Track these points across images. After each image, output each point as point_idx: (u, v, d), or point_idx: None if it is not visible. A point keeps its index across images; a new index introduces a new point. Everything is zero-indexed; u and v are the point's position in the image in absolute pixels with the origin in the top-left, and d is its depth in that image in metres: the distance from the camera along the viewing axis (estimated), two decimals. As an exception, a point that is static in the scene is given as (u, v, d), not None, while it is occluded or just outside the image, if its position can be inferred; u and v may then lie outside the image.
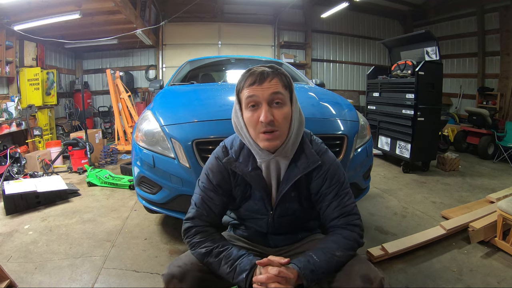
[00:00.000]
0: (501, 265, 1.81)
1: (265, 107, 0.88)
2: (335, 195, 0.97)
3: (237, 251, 0.92)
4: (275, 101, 0.89)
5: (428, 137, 3.71)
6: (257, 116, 0.88)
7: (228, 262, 0.89)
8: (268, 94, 0.88)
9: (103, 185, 3.21)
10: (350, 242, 0.91)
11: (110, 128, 6.65)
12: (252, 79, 0.89)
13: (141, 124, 1.88)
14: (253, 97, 0.89)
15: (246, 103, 0.90)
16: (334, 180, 0.97)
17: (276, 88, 0.89)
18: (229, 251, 0.91)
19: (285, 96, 0.90)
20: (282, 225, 1.04)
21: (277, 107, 0.89)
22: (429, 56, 3.91)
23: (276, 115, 0.88)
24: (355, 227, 0.95)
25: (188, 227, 0.97)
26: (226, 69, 3.44)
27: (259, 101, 0.88)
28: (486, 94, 6.10)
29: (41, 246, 1.99)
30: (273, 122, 0.88)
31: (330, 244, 0.91)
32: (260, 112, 0.88)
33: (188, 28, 7.08)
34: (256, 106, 0.89)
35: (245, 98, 0.90)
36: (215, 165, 1.01)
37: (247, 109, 0.91)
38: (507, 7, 5.65)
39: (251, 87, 0.89)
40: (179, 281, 0.88)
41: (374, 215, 2.54)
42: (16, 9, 4.09)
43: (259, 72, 0.90)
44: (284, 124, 0.90)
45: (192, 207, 1.01)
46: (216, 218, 1.01)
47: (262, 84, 0.88)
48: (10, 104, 4.26)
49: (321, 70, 7.86)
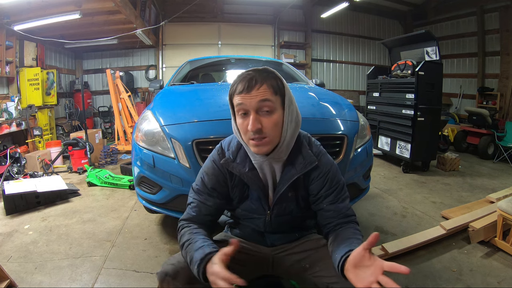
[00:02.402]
0: (501, 265, 1.81)
1: (253, 116, 0.87)
2: (336, 197, 0.98)
3: (201, 242, 0.88)
4: (263, 109, 0.88)
5: (428, 137, 3.70)
6: (247, 124, 0.88)
7: (190, 252, 0.87)
8: (256, 102, 0.87)
9: (103, 185, 3.21)
10: (360, 235, 0.94)
11: (110, 128, 6.65)
12: (241, 86, 0.88)
13: (141, 124, 1.88)
14: (242, 105, 0.88)
15: (237, 110, 0.90)
16: (334, 182, 0.99)
17: (264, 95, 0.87)
18: (195, 242, 0.89)
19: (274, 102, 0.89)
20: (279, 224, 1.04)
21: (266, 115, 0.88)
22: (429, 56, 3.91)
23: (264, 123, 0.88)
24: (356, 225, 0.98)
25: (179, 226, 1.00)
26: (226, 69, 3.44)
27: (247, 109, 0.88)
28: (486, 94, 6.10)
29: (41, 246, 1.99)
30: (260, 130, 0.87)
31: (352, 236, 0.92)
32: (249, 119, 0.88)
33: (188, 28, 7.08)
34: (246, 114, 0.89)
35: (236, 105, 0.90)
36: (211, 168, 1.02)
37: (238, 115, 0.91)
38: (507, 7, 5.65)
39: (240, 95, 0.88)
40: (172, 279, 0.88)
41: (374, 215, 2.54)
42: (16, 9, 4.09)
43: (248, 79, 0.88)
44: (274, 130, 0.89)
45: (187, 209, 1.03)
46: (209, 220, 1.02)
47: (250, 92, 0.87)
48: (10, 104, 4.25)
49: (321, 70, 7.86)
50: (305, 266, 1.01)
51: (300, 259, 1.03)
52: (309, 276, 1.00)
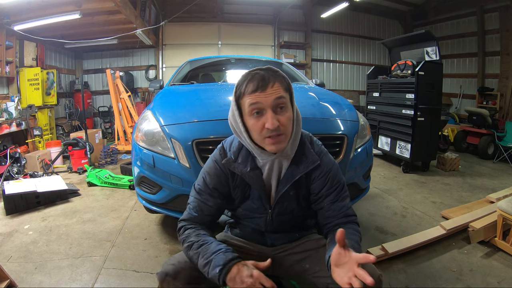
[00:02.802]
0: (501, 265, 1.81)
1: (271, 114, 0.87)
2: (336, 196, 0.99)
3: (216, 246, 0.89)
4: (279, 106, 0.88)
5: (428, 137, 3.70)
6: (262, 123, 0.87)
7: (205, 255, 0.88)
8: (272, 100, 0.87)
9: (103, 185, 3.21)
10: (359, 235, 0.95)
11: (110, 128, 6.65)
12: (253, 86, 0.87)
13: (141, 124, 1.88)
14: (257, 104, 0.87)
15: (249, 111, 0.88)
16: (335, 182, 1.00)
17: (279, 93, 0.87)
18: (208, 245, 0.90)
19: (287, 99, 0.90)
20: (280, 224, 1.05)
21: (281, 112, 0.88)
22: (429, 56, 3.91)
23: (281, 120, 0.88)
24: (356, 225, 0.98)
25: (180, 227, 1.01)
26: (226, 69, 3.44)
27: (263, 107, 0.87)
28: (486, 94, 6.10)
29: (41, 246, 1.99)
30: (279, 127, 0.87)
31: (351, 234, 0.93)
32: (265, 118, 0.87)
33: (188, 28, 7.08)
34: (260, 113, 0.88)
35: (248, 105, 0.88)
36: (213, 168, 1.02)
37: (251, 116, 0.89)
38: (507, 7, 5.65)
39: (254, 94, 0.87)
40: (172, 279, 0.88)
41: (374, 215, 2.54)
42: (16, 9, 4.09)
43: (260, 78, 0.88)
44: (289, 127, 0.91)
45: (187, 209, 1.03)
46: (209, 220, 1.02)
47: (265, 90, 0.87)
48: (10, 104, 4.25)
49: (321, 70, 7.86)
50: (305, 266, 1.01)
51: (300, 259, 1.03)
52: (309, 276, 1.00)
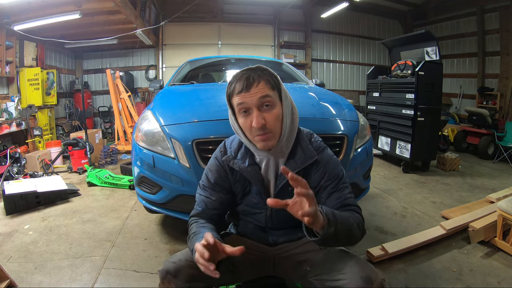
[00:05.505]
0: (501, 265, 1.81)
1: (256, 113, 0.90)
2: (335, 187, 0.98)
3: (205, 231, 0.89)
4: (264, 105, 0.91)
5: (428, 137, 3.70)
6: (250, 121, 0.91)
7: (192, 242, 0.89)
8: (257, 99, 0.90)
9: (103, 185, 3.21)
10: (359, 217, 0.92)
11: (110, 128, 6.65)
12: (239, 86, 0.91)
13: (141, 124, 1.88)
14: (243, 104, 0.91)
15: (238, 110, 0.93)
16: (333, 174, 1.00)
17: (263, 91, 0.90)
18: (199, 234, 0.92)
19: (273, 97, 0.92)
20: (280, 220, 1.05)
21: (267, 110, 0.92)
22: (429, 56, 3.91)
23: (267, 118, 0.91)
24: (358, 214, 0.95)
25: (188, 223, 1.04)
26: (226, 69, 3.44)
27: (249, 107, 0.91)
28: (486, 94, 6.10)
29: (41, 246, 1.99)
30: (265, 125, 0.90)
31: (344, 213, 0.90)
32: (252, 117, 0.91)
33: (188, 28, 7.08)
34: (247, 112, 0.92)
35: (236, 105, 0.93)
36: (214, 164, 1.07)
37: (240, 114, 0.94)
38: (507, 7, 5.65)
39: (240, 95, 0.91)
40: (173, 277, 0.89)
41: (374, 215, 2.54)
42: (16, 9, 4.08)
43: (245, 78, 0.91)
44: (276, 124, 0.93)
45: (195, 206, 1.07)
46: (215, 214, 1.05)
47: (250, 90, 0.90)
48: (10, 104, 4.25)
49: (321, 70, 7.86)
50: (306, 268, 1.01)
51: (301, 260, 1.03)
52: (310, 278, 0.99)
